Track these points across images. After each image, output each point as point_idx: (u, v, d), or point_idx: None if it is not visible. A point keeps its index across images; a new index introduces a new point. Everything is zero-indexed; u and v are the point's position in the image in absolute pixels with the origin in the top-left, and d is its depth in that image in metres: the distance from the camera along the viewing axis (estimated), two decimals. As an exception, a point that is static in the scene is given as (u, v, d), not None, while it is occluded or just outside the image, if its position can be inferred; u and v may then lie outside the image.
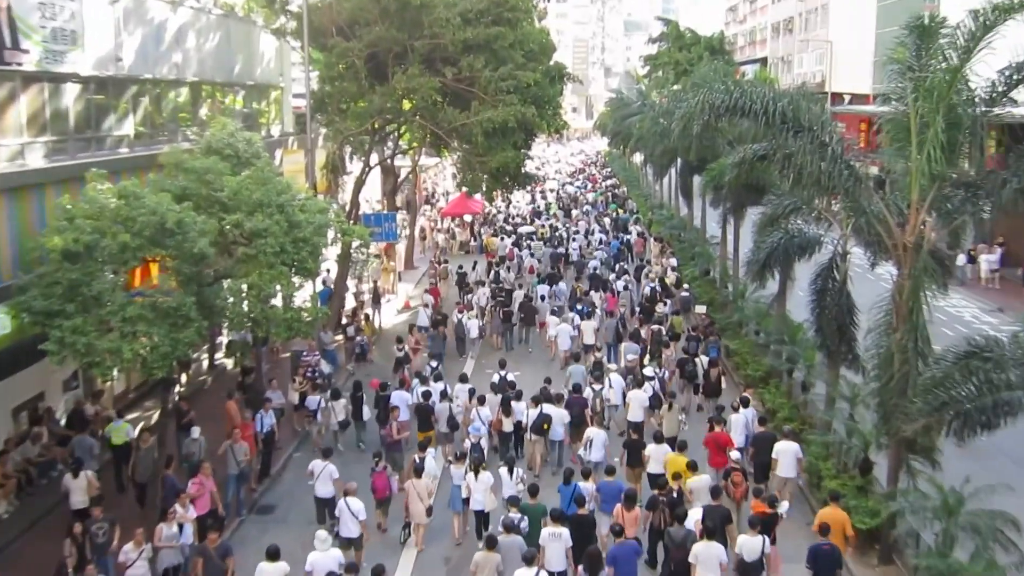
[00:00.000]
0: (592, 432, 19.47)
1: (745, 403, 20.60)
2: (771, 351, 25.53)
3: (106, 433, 20.23)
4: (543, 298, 31.79)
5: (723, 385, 23.97)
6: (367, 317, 31.47)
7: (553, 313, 29.96)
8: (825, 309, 19.53)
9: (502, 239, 44.75)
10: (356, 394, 22.47)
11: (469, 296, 32.88)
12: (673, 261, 38.28)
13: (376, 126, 32.52)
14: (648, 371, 23.27)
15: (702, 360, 24.51)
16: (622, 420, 22.13)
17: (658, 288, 33.05)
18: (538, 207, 61.43)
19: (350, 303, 33.55)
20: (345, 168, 35.11)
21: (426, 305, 30.94)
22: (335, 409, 22.06)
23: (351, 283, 34.55)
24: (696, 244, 40.86)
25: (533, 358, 29.80)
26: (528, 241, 44.54)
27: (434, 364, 24.91)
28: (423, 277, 40.22)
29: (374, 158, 36.29)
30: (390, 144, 39.57)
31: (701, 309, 30.79)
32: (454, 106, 30.58)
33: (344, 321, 30.64)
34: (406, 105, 31.92)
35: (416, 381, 22.79)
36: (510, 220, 54.86)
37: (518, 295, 32.46)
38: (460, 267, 38.14)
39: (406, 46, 29.97)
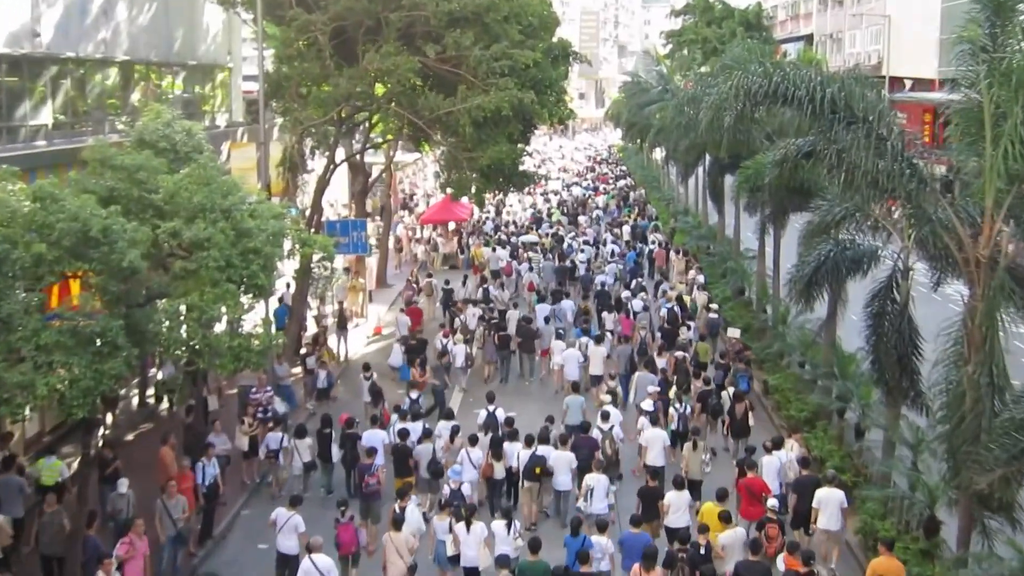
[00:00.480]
0: (592, 480, 19.53)
1: (779, 444, 20.74)
2: (818, 387, 25.56)
3: (33, 472, 20.17)
4: (546, 320, 31.84)
5: (751, 422, 24.07)
6: (326, 344, 31.42)
7: (559, 337, 30.06)
8: (883, 337, 19.58)
9: (494, 250, 44.82)
10: (324, 431, 22.54)
11: (460, 317, 32.90)
12: (700, 278, 38.41)
13: (343, 115, 32.62)
14: (646, 405, 23.50)
15: (728, 393, 24.63)
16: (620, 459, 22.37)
17: (677, 308, 33.16)
18: (538, 212, 61.56)
19: (311, 328, 33.54)
20: (305, 165, 35.15)
21: (403, 344, 30.40)
22: (299, 449, 22.11)
23: (312, 304, 34.55)
24: (728, 258, 40.98)
25: (533, 392, 29.84)
26: (528, 253, 44.65)
27: (414, 396, 24.89)
28: (398, 297, 40.21)
29: (340, 153, 36.35)
30: (359, 137, 39.67)
31: (735, 332, 30.89)
32: (437, 91, 30.69)
33: (303, 351, 30.62)
34: (379, 90, 32.01)
35: (394, 416, 22.94)
36: (503, 228, 54.98)
37: (513, 316, 32.52)
38: (447, 282, 38.23)
39: (379, 19, 30.10)
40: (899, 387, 19.88)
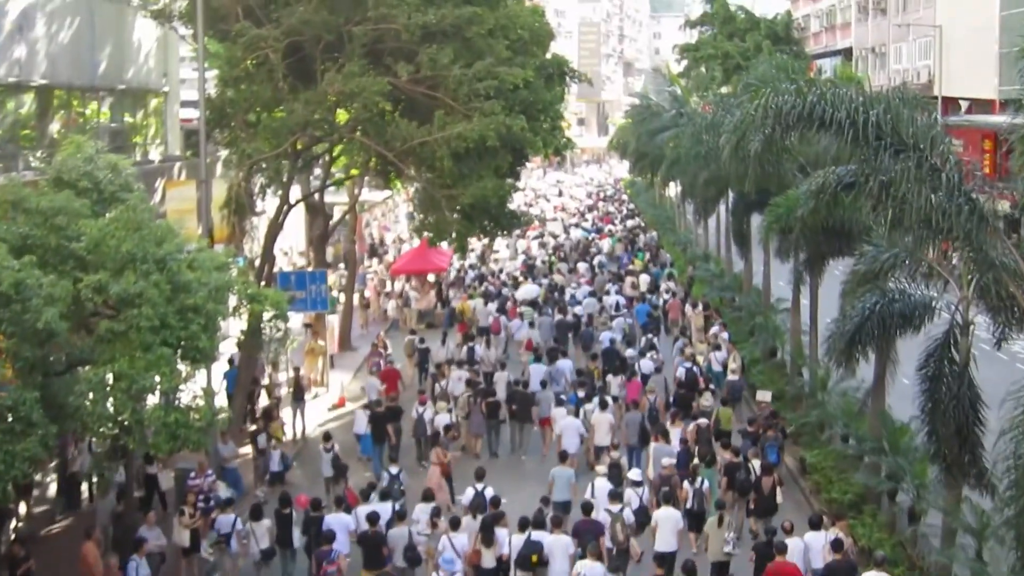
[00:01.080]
0: (585, 567, 19.45)
1: (815, 525, 20.87)
2: (865, 465, 25.52)
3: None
4: (542, 384, 31.84)
5: (779, 499, 24.10)
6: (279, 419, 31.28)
7: (559, 403, 30.07)
8: (940, 404, 19.59)
9: (485, 303, 44.94)
10: (283, 511, 22.48)
11: (443, 383, 32.87)
12: (724, 334, 38.51)
13: (299, 146, 32.73)
14: (634, 474, 23.61)
15: (755, 465, 24.70)
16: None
17: (695, 370, 33.30)
18: (531, 259, 61.64)
19: (262, 400, 33.42)
20: (255, 207, 35.23)
21: (368, 410, 30.41)
22: (256, 533, 22.05)
23: (264, 371, 34.46)
24: (756, 312, 41.03)
25: (527, 469, 29.78)
26: (521, 308, 44.66)
27: (394, 471, 24.91)
28: (364, 363, 40.11)
29: (296, 192, 36.45)
30: (319, 172, 39.80)
31: (765, 396, 30.94)
32: (410, 117, 30.82)
33: (253, 427, 30.48)
34: (341, 116, 32.14)
35: (373, 497, 23.02)
36: (490, 279, 55.07)
37: (501, 378, 32.52)
38: (421, 340, 38.27)
39: (341, 33, 30.29)
40: (959, 463, 19.87)
